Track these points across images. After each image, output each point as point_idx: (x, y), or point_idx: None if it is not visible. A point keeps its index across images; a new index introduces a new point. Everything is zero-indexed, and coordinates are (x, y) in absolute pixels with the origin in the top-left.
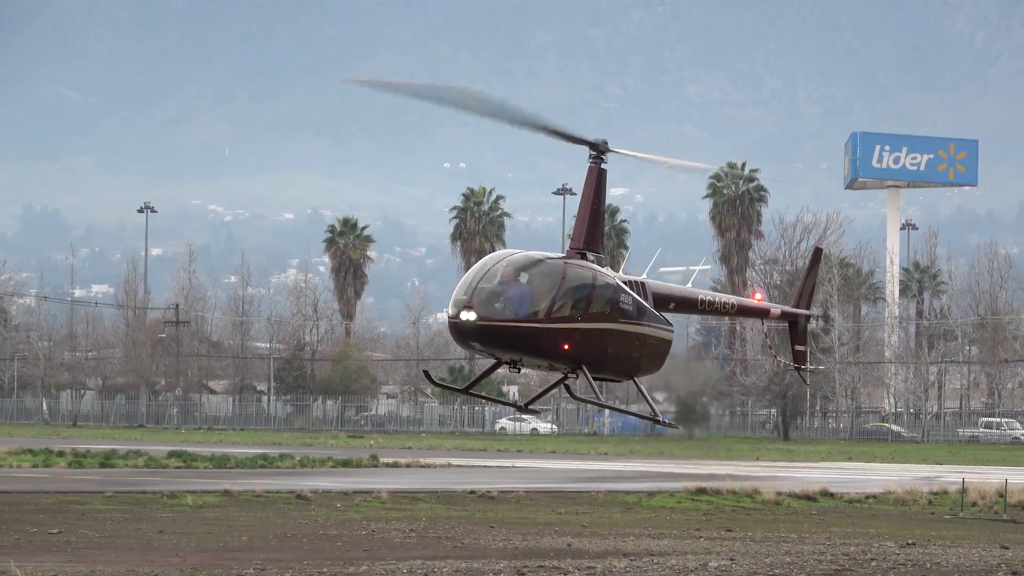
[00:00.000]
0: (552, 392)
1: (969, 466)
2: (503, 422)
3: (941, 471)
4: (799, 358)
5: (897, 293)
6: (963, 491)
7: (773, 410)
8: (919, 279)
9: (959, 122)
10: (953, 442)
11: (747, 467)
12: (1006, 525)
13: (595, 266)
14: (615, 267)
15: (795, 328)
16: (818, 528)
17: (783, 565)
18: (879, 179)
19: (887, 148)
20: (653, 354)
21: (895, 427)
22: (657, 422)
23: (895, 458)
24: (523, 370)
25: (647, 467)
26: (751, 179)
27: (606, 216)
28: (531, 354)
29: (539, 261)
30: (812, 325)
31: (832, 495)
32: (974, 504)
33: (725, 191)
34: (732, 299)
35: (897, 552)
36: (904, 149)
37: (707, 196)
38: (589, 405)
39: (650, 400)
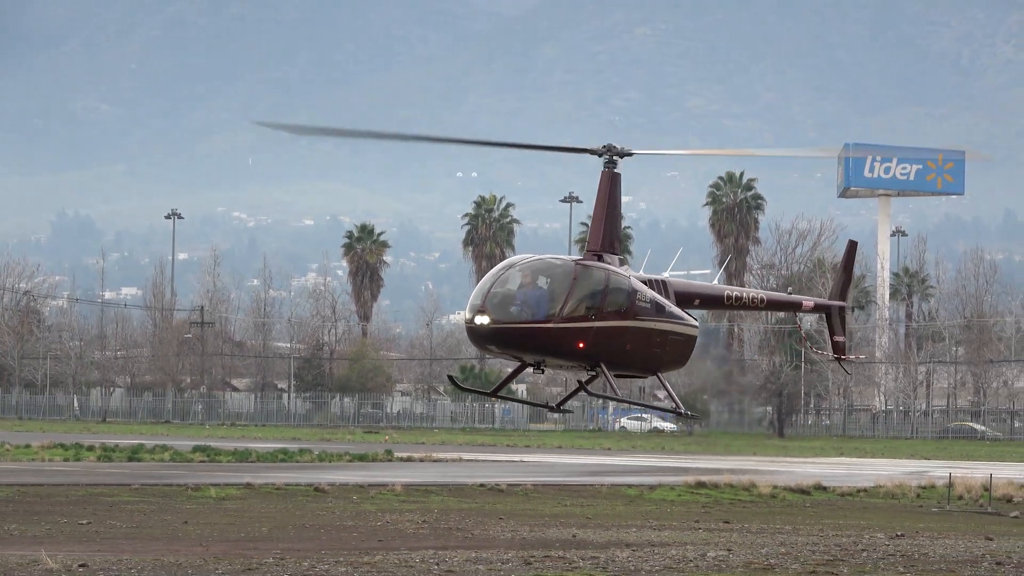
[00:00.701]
0: (580, 393)
1: (956, 461)
2: (624, 421)
3: (929, 466)
4: (838, 349)
5: (887, 296)
6: (950, 485)
7: (769, 408)
8: (908, 283)
9: (946, 134)
10: None
11: (744, 462)
12: (990, 518)
13: (608, 266)
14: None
15: (831, 320)
16: (812, 520)
17: (778, 556)
18: (870, 188)
19: (878, 159)
20: (675, 350)
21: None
22: (680, 415)
23: (885, 453)
24: (541, 371)
25: (648, 462)
26: (749, 188)
27: None
28: (546, 354)
29: (551, 264)
30: (848, 315)
31: (825, 489)
32: (960, 498)
33: (724, 199)
34: (761, 293)
35: (887, 543)
36: (894, 160)
37: (707, 204)
38: (598, 402)
39: (673, 394)
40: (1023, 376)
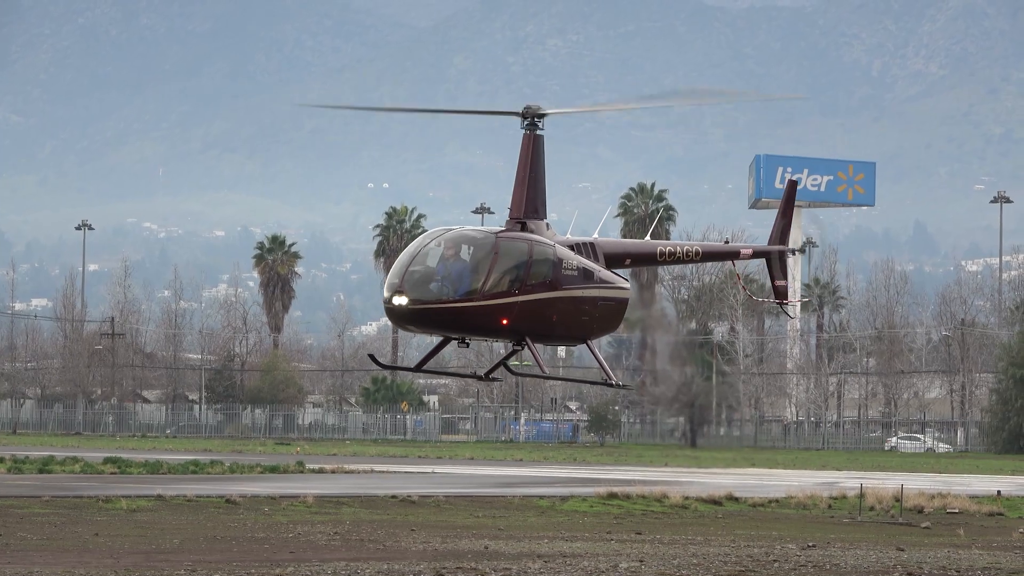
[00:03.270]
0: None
1: (867, 472)
2: (895, 440)
3: (840, 476)
4: (780, 293)
5: (799, 307)
6: (861, 496)
7: (681, 418)
8: (819, 294)
9: (857, 145)
10: None
11: (656, 473)
12: (902, 528)
13: (531, 236)
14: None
15: (772, 265)
16: (723, 531)
17: (690, 566)
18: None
19: (789, 170)
20: (606, 315)
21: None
22: (610, 385)
23: (796, 464)
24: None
25: (560, 472)
26: (660, 199)
27: None
28: (468, 332)
29: (470, 238)
30: (790, 259)
31: (737, 499)
32: (872, 508)
33: (635, 210)
34: (696, 245)
35: (799, 554)
36: (805, 171)
37: (618, 215)
38: (512, 409)
39: (604, 363)
40: (934, 387)
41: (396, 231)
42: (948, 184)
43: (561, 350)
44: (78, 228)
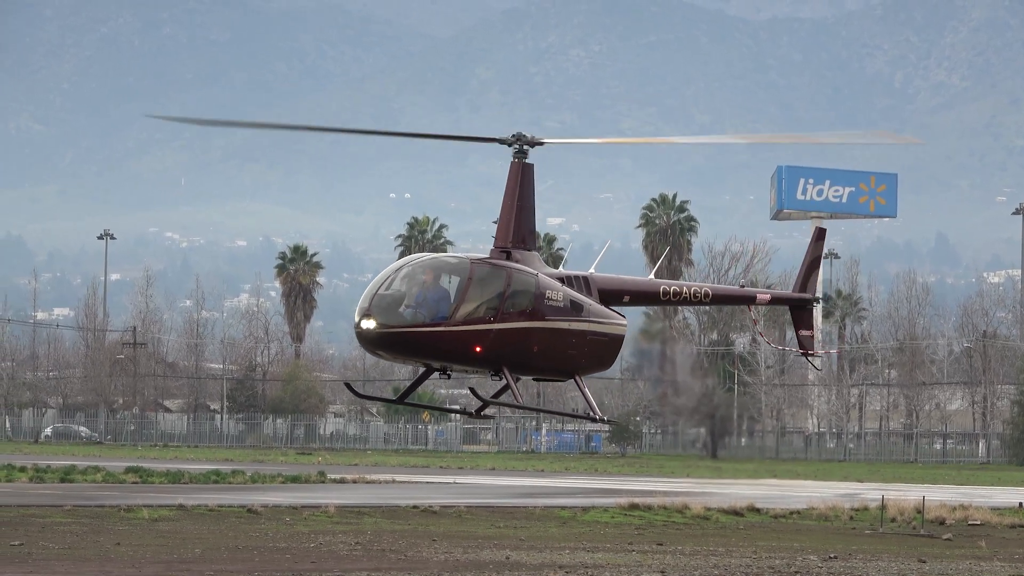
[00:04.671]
0: (503, 398)
1: (889, 483)
2: None
3: (861, 488)
4: (805, 343)
5: (820, 319)
6: (883, 507)
7: (702, 429)
8: (841, 306)
9: (879, 157)
10: None
11: (678, 483)
12: (923, 540)
13: (510, 264)
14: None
15: (794, 314)
16: (745, 542)
17: None
18: (803, 211)
19: (811, 181)
20: (596, 351)
21: None
22: (592, 420)
23: (818, 475)
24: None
25: (582, 483)
26: (682, 210)
27: (543, 243)
28: (439, 359)
29: (445, 263)
30: (816, 307)
31: (759, 510)
32: (893, 520)
33: (657, 221)
34: (705, 287)
35: (820, 565)
36: (827, 182)
37: (640, 226)
38: (534, 420)
39: (589, 398)
40: (955, 399)
41: (418, 241)
42: (970, 196)
43: None
44: (100, 237)
